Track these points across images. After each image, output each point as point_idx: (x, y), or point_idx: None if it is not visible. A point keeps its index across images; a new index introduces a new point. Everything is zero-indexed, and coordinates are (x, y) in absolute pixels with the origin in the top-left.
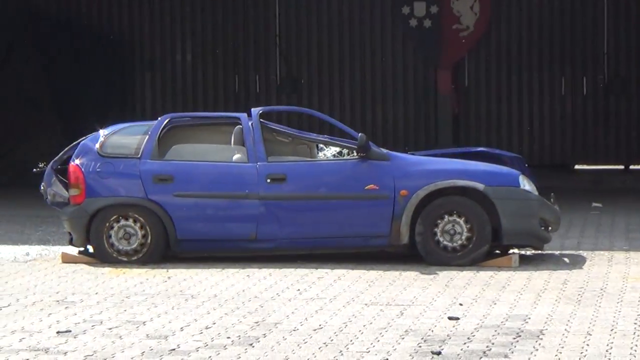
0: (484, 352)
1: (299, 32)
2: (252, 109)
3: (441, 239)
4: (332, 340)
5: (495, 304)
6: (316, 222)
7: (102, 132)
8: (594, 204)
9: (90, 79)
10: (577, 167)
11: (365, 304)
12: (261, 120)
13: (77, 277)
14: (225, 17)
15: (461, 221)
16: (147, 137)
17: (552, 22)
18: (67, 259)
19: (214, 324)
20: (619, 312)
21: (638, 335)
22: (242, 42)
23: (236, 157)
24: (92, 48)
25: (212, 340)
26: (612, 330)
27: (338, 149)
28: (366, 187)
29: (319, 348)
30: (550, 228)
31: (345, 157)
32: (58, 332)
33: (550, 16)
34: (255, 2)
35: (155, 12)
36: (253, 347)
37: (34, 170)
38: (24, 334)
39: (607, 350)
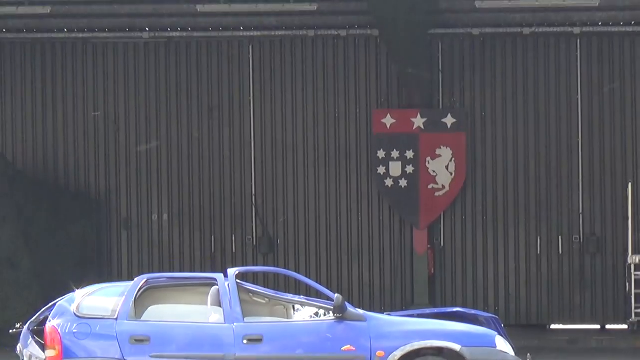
0: None
1: (275, 192)
2: (228, 270)
3: None
4: None
5: None
6: None
7: (79, 293)
8: None
9: (67, 238)
10: (553, 326)
11: None
12: (237, 280)
13: None
14: (202, 176)
15: None
16: (124, 297)
17: (528, 182)
18: None
19: None
20: None
21: None
22: (219, 201)
23: (213, 317)
24: (69, 207)
25: None
26: None
27: (315, 310)
28: (343, 348)
29: None
30: None
31: (321, 318)
32: None
33: (525, 175)
34: (232, 163)
35: (131, 171)
36: None
37: (11, 331)
38: None
39: None
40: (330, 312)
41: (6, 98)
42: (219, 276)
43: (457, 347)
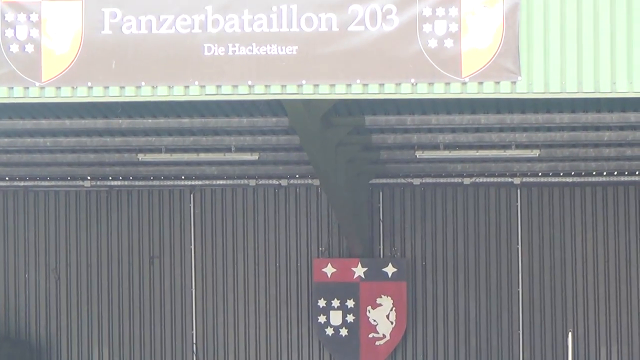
0: None
1: (216, 340)
2: None
3: None
4: None
5: None
6: None
7: None
8: None
9: None
10: None
11: None
12: None
13: None
14: (142, 325)
15: None
16: None
17: (468, 330)
18: None
19: None
20: None
21: None
22: (159, 349)
23: None
24: (9, 356)
25: None
26: None
27: None
28: None
29: None
30: None
31: None
32: None
33: (466, 324)
34: (173, 312)
35: (72, 319)
36: None
37: None
38: None
39: None
40: None
41: None
42: None
43: None
